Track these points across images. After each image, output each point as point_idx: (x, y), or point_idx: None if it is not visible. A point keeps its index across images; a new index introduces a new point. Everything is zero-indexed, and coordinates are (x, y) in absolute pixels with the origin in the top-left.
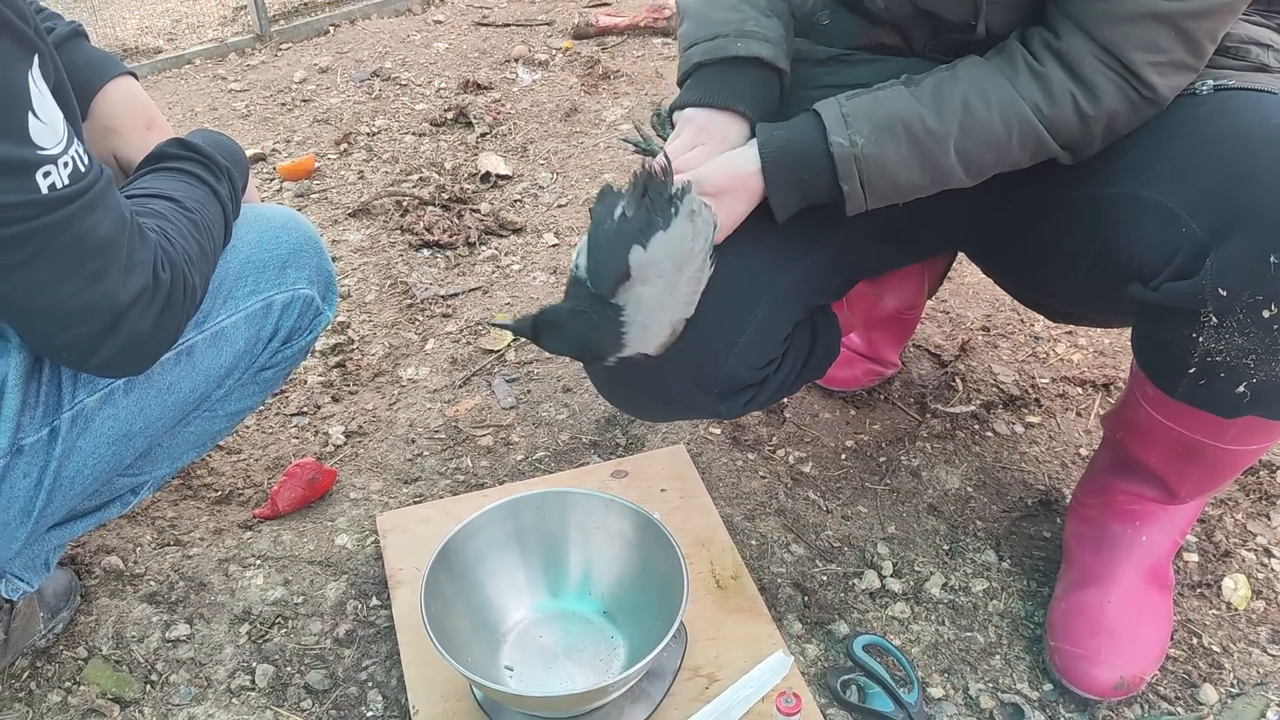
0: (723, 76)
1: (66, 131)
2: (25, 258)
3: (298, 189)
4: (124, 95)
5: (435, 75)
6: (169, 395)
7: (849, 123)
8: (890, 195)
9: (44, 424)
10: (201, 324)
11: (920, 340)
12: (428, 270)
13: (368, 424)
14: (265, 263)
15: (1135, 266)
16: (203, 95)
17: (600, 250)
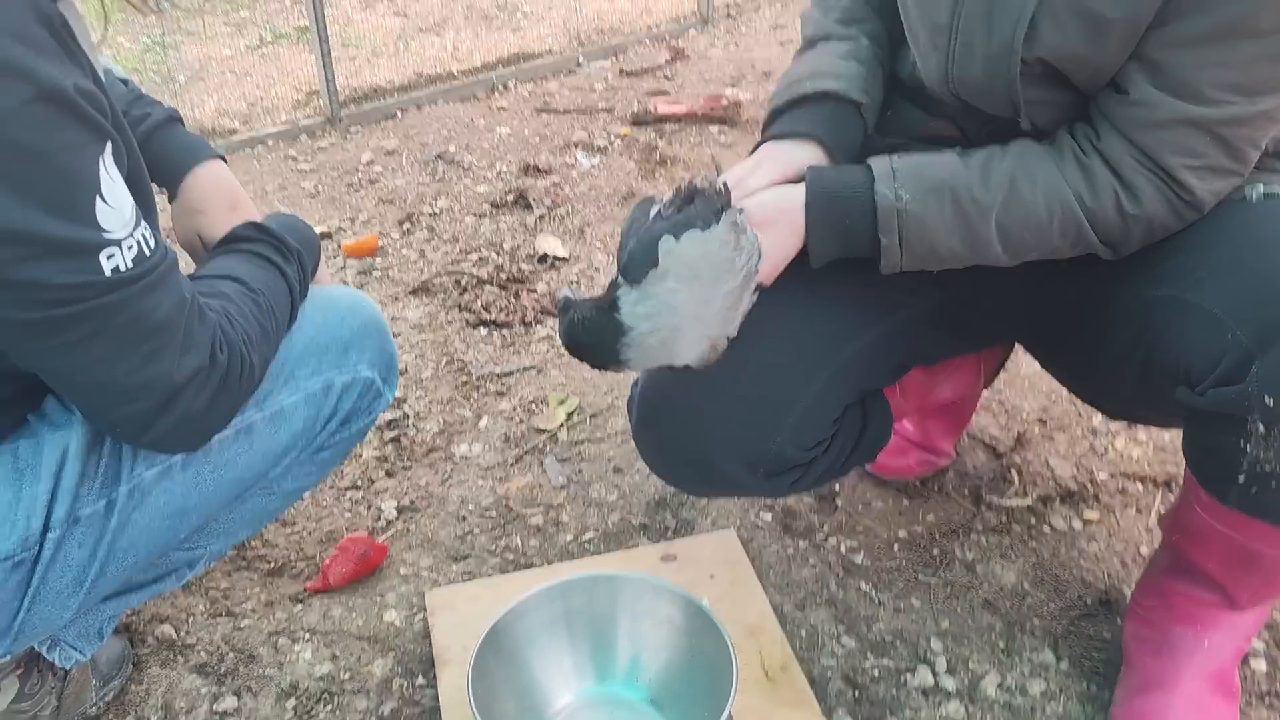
0: (793, 113)
1: (134, 216)
2: (84, 336)
3: (360, 266)
4: (211, 178)
5: (497, 159)
6: (226, 472)
7: (897, 177)
8: (926, 258)
9: (101, 496)
10: (262, 403)
11: (975, 431)
12: (484, 348)
13: (420, 500)
14: (328, 344)
15: (1182, 370)
16: (274, 174)
17: (631, 237)
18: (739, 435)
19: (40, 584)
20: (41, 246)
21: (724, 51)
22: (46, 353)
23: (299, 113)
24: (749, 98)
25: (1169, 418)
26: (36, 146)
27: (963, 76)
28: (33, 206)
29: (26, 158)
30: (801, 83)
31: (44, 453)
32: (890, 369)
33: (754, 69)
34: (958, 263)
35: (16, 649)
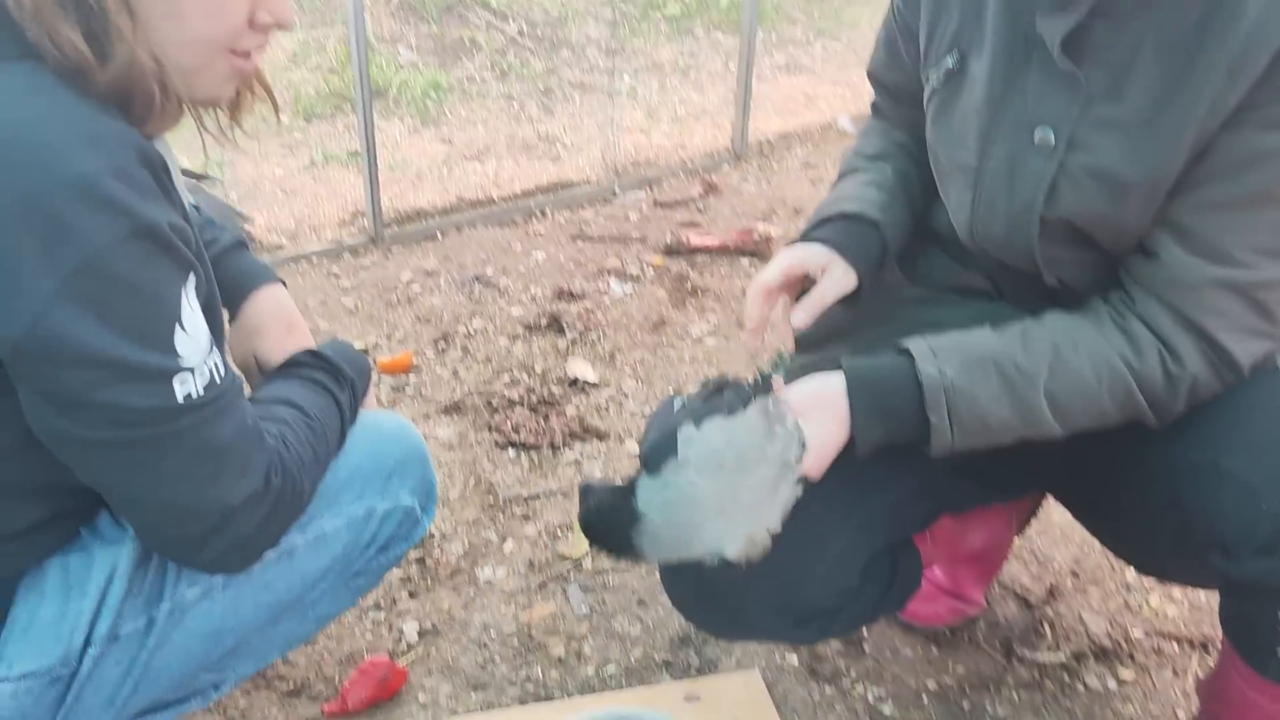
0: (813, 232)
1: (209, 344)
2: (151, 457)
3: (395, 383)
4: (270, 301)
5: (532, 282)
6: (265, 594)
7: (938, 355)
8: (978, 434)
9: (143, 613)
10: (305, 526)
11: (1007, 580)
12: (512, 470)
13: (442, 623)
14: (373, 471)
15: (1217, 536)
16: (316, 290)
17: (654, 429)
18: (768, 581)
19: (74, 701)
20: (122, 371)
21: (756, 187)
22: (112, 471)
23: (343, 231)
24: (780, 233)
25: (1204, 580)
26: (130, 279)
27: (986, 232)
28: (119, 334)
29: (120, 289)
30: (823, 209)
31: (94, 568)
32: (920, 518)
33: (785, 205)
34: (1009, 436)
35: None
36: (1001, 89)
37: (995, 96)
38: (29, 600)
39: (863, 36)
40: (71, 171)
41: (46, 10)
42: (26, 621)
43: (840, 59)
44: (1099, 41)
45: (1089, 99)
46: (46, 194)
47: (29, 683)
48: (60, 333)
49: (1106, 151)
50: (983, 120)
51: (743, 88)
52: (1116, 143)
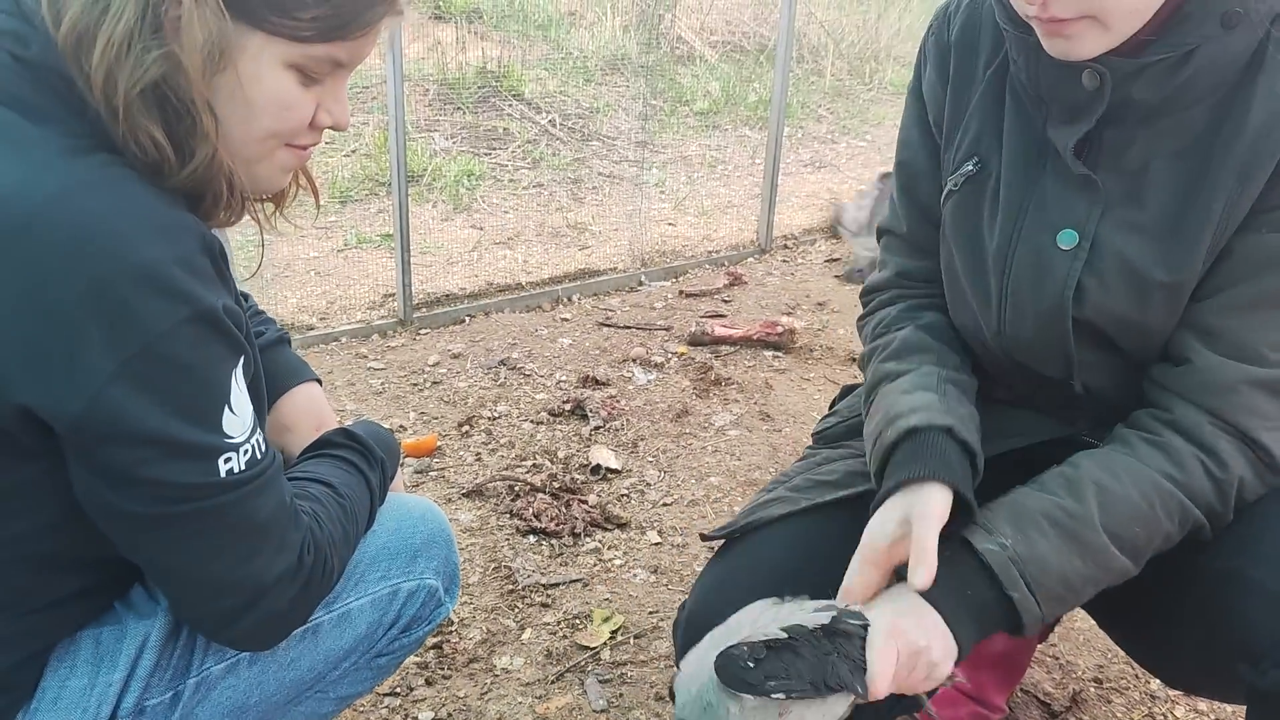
0: (892, 463)
1: (253, 423)
2: (191, 532)
3: (418, 465)
4: (305, 399)
5: (557, 368)
6: (289, 671)
7: (990, 529)
8: (1063, 595)
9: (170, 687)
10: (330, 604)
11: (1028, 685)
12: (532, 557)
13: (457, 712)
14: (398, 550)
15: (1244, 646)
16: (344, 370)
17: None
18: None
19: None
20: (172, 449)
21: (780, 280)
22: (154, 544)
23: (373, 313)
24: (803, 325)
25: (1231, 693)
26: (185, 360)
27: (1015, 334)
28: (173, 413)
29: (175, 370)
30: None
31: (125, 641)
32: None
33: (808, 298)
34: (1095, 587)
35: None
36: (1019, 195)
37: (1014, 201)
38: (60, 671)
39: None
40: (139, 259)
41: (135, 110)
42: (56, 692)
43: (864, 156)
44: (1111, 148)
45: (1108, 202)
46: (113, 280)
47: None
48: (117, 412)
49: (1130, 250)
50: (1005, 223)
51: (768, 182)
52: (1139, 243)
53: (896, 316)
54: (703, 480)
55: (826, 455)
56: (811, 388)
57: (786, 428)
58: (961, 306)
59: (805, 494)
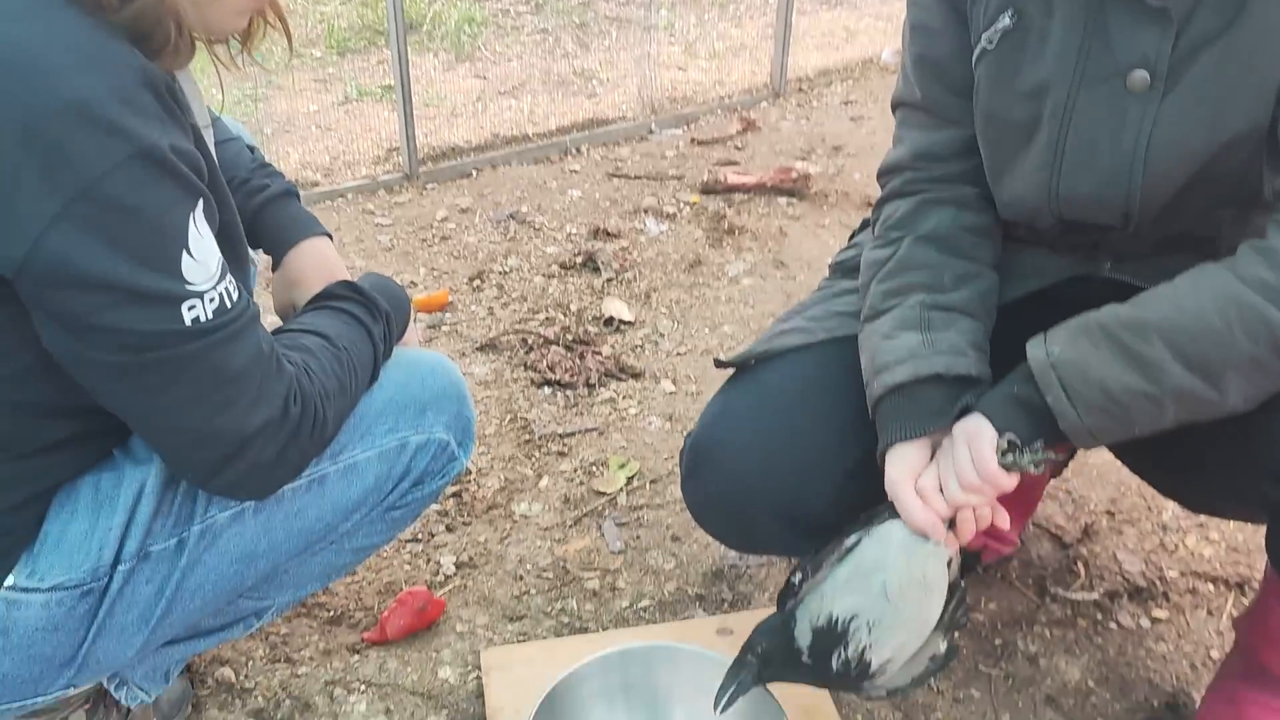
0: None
1: (220, 270)
2: (162, 382)
3: (430, 320)
4: (313, 253)
5: (567, 221)
6: (296, 521)
7: (1047, 337)
8: (1107, 406)
9: (174, 534)
10: (336, 455)
11: (1041, 519)
12: (547, 408)
13: (478, 556)
14: (406, 403)
15: (1271, 463)
16: (352, 227)
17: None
18: (779, 493)
19: (107, 617)
20: (127, 295)
21: (794, 125)
22: (126, 395)
23: (378, 168)
24: (818, 171)
25: (1253, 512)
26: (130, 202)
27: (1071, 193)
28: (121, 257)
29: (121, 213)
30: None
31: (123, 486)
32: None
33: (824, 143)
34: (1148, 406)
35: (80, 681)
36: (1077, 38)
37: (1071, 46)
38: (61, 516)
39: None
40: (70, 93)
41: None
42: (58, 536)
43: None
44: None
45: (1183, 36)
46: (43, 117)
47: (59, 595)
48: (63, 257)
49: (1205, 83)
50: (1060, 71)
51: (782, 22)
52: (1213, 72)
53: (901, 219)
54: (716, 329)
55: (844, 286)
56: (826, 234)
57: (801, 275)
58: (1003, 175)
59: (822, 324)
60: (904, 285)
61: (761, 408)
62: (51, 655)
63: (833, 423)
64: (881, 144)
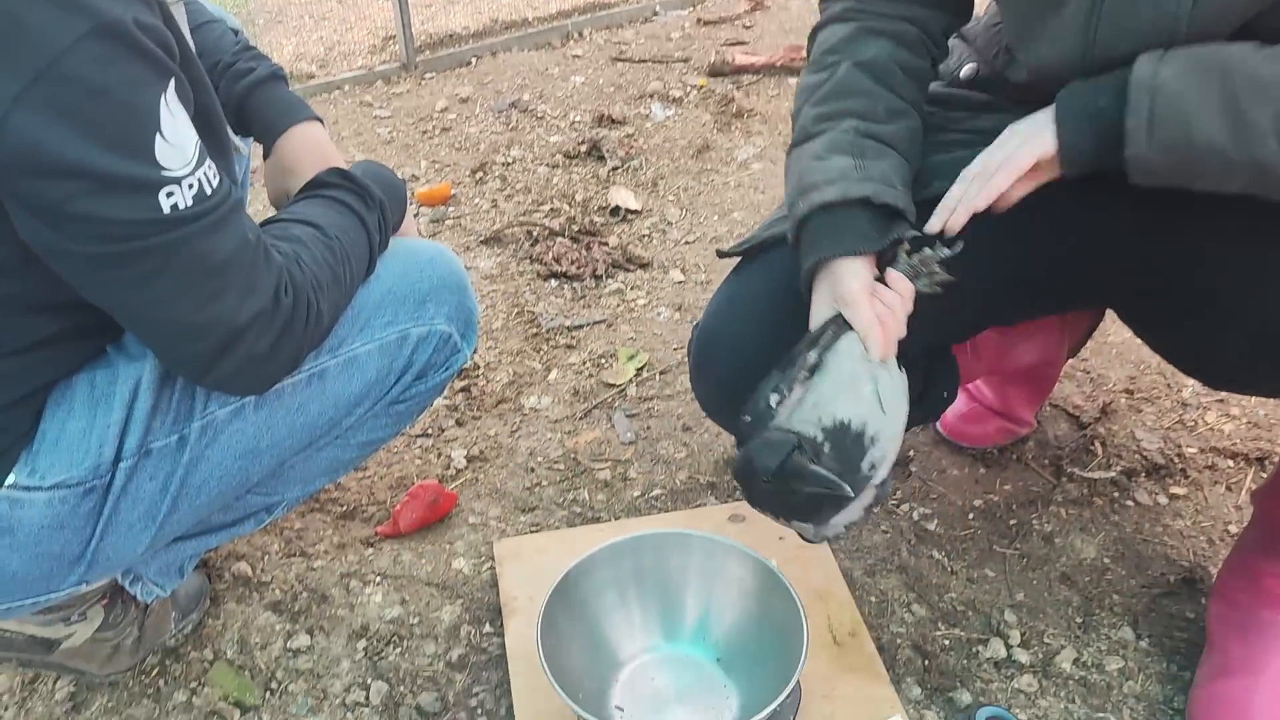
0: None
1: (197, 154)
2: (145, 273)
3: (434, 214)
4: (305, 139)
5: (571, 108)
6: (298, 416)
7: (1165, 56)
8: (1182, 148)
9: (174, 430)
10: (336, 349)
11: (1058, 400)
12: (554, 301)
13: (489, 450)
14: (406, 295)
15: None
16: (350, 120)
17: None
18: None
19: (112, 514)
20: (100, 181)
21: (804, 2)
22: (110, 287)
23: (375, 58)
24: None
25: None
26: (96, 81)
27: (1108, 55)
28: (92, 142)
29: (86, 93)
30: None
31: (118, 383)
32: (959, 328)
33: None
34: (1221, 168)
35: (92, 578)
36: None
37: None
38: (58, 414)
39: None
40: None
41: None
42: (56, 434)
43: None
44: None
45: None
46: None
47: (62, 493)
48: (30, 141)
49: None
50: None
51: None
52: None
53: (838, 44)
54: (726, 216)
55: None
56: None
57: None
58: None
59: None
60: (838, 110)
61: (768, 295)
62: (60, 553)
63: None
64: None
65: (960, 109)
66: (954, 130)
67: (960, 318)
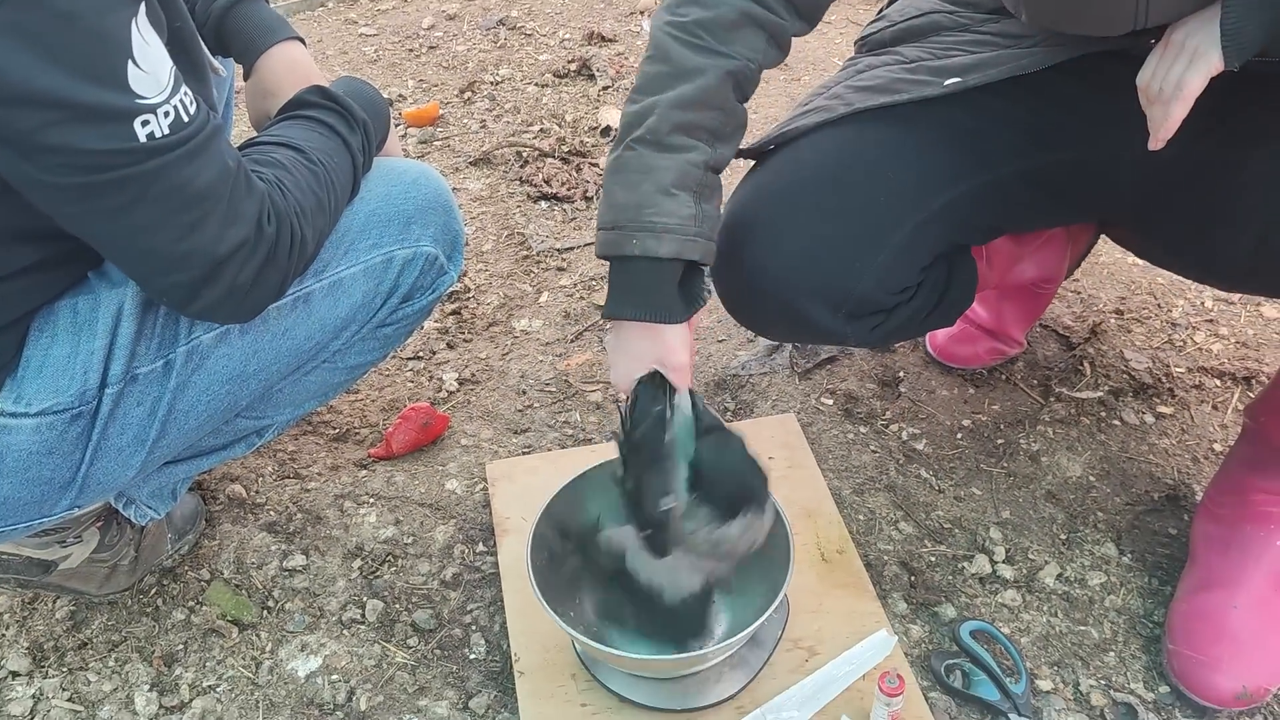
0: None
1: (172, 80)
2: (124, 203)
3: (421, 135)
4: (286, 59)
5: (560, 26)
6: (284, 340)
7: None
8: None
9: (159, 356)
10: (320, 273)
11: (1048, 320)
12: (544, 223)
13: (480, 372)
14: (390, 217)
15: None
16: (334, 38)
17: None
18: (824, 272)
19: (101, 439)
20: (71, 111)
21: None
22: (88, 218)
23: None
24: None
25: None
26: (61, 6)
27: (1162, 11)
28: (61, 69)
29: (53, 19)
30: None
31: (100, 309)
32: (983, 227)
33: None
34: None
35: (84, 502)
36: None
37: None
38: (40, 341)
39: None
40: None
41: None
42: (40, 361)
43: None
44: None
45: None
46: None
47: (50, 419)
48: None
49: None
50: None
51: None
52: None
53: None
54: None
55: (869, 62)
56: (833, 30)
57: (806, 76)
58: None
59: (843, 100)
60: (696, 124)
61: (798, 185)
62: (50, 478)
63: (877, 194)
64: None
65: (984, 10)
66: (976, 31)
67: (984, 218)
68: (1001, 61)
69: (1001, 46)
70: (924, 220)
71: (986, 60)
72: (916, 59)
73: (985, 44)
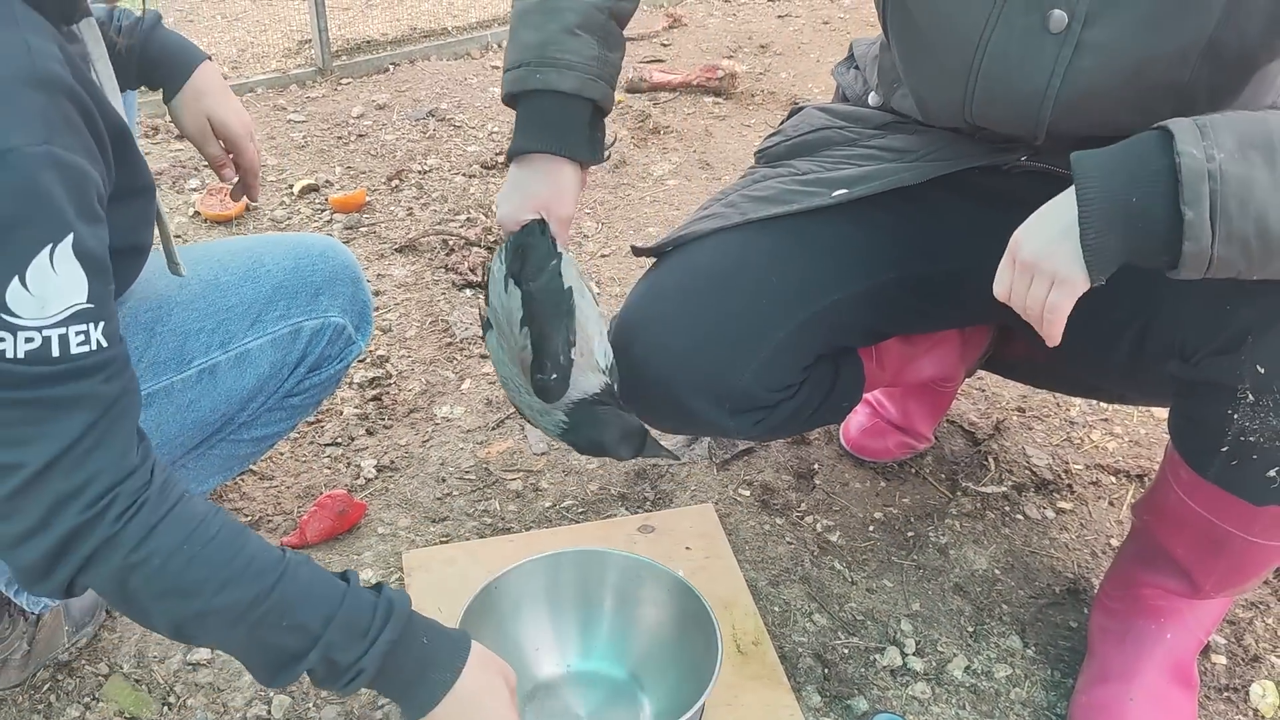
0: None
1: (66, 317)
2: None
3: (348, 221)
4: (213, 72)
5: (489, 119)
6: (189, 413)
7: (1205, 134)
8: (1248, 240)
9: None
10: (226, 344)
11: (955, 416)
12: (469, 310)
13: (400, 459)
14: (298, 289)
15: (1177, 345)
16: (263, 124)
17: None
18: (706, 368)
19: None
20: None
21: (722, 22)
22: None
23: (289, 61)
24: (745, 69)
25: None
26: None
27: (985, 113)
28: None
29: None
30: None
31: None
32: (865, 330)
33: (751, 41)
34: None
35: None
36: None
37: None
38: None
39: None
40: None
41: None
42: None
43: None
44: None
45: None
46: None
47: None
48: None
49: (1125, 25)
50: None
51: None
52: (1136, 22)
53: None
54: (641, 231)
55: (764, 173)
56: (753, 134)
57: (727, 175)
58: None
59: (739, 209)
60: None
61: (688, 285)
62: None
63: (761, 298)
64: (809, 44)
65: (871, 126)
66: (864, 145)
67: (868, 321)
68: (885, 174)
69: (887, 160)
70: (805, 321)
71: (871, 173)
72: (808, 171)
73: (873, 158)
